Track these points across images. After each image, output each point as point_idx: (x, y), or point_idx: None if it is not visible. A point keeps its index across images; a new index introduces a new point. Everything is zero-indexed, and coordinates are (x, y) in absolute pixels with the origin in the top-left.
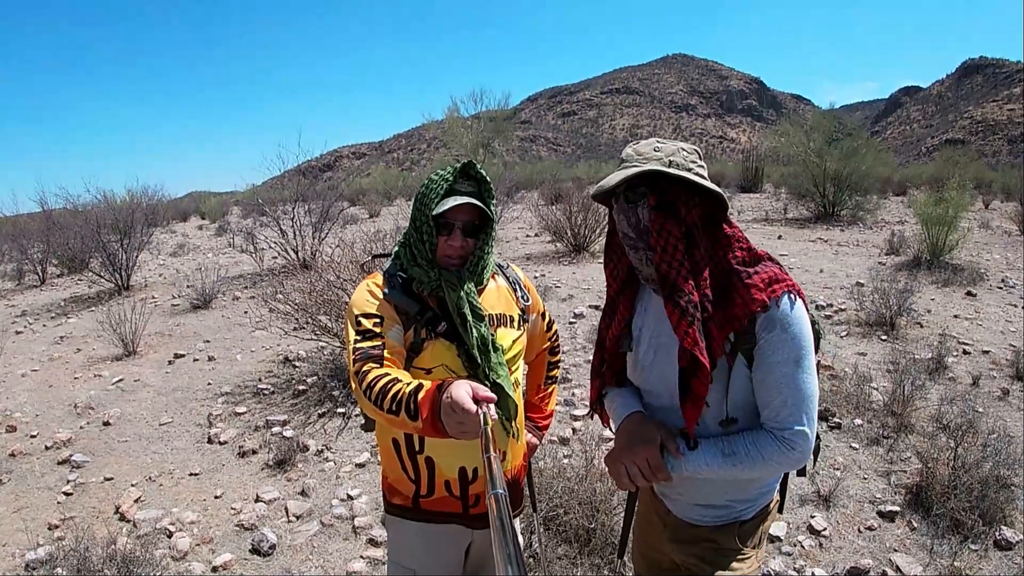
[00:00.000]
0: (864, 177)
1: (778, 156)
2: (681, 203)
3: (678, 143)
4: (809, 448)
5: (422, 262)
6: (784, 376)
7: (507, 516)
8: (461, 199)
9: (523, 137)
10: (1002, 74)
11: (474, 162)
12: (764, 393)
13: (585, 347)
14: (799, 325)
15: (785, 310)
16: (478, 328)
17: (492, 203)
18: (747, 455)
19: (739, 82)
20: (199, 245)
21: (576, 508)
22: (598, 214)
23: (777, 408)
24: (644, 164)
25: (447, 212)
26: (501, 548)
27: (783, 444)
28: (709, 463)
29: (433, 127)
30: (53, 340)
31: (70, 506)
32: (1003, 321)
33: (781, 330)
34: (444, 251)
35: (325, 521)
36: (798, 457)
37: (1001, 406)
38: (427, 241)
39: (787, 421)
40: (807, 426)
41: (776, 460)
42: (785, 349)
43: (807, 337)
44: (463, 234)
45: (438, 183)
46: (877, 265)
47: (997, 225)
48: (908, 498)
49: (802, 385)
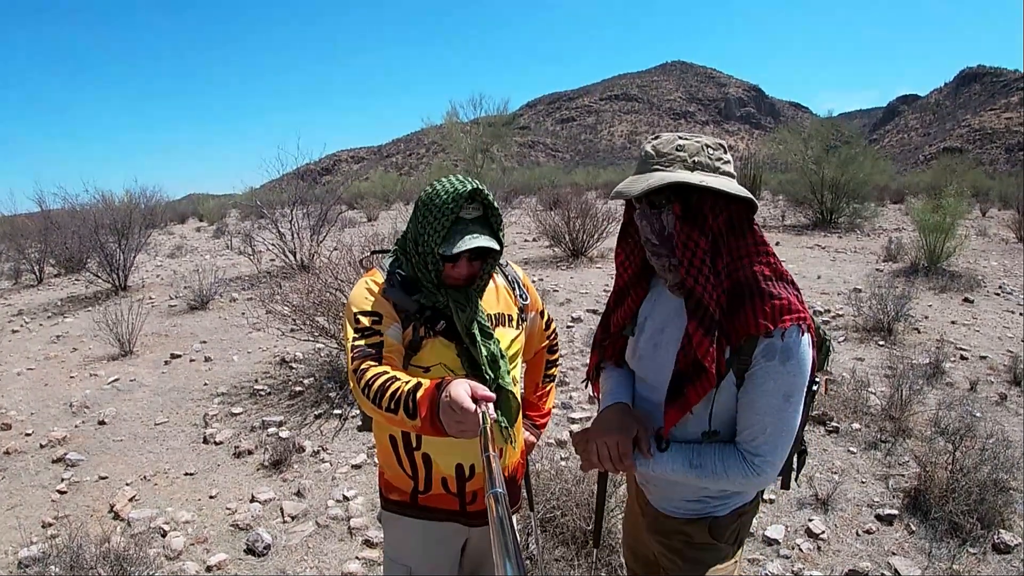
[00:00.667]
0: (862, 184)
1: (776, 163)
2: (708, 210)
3: (702, 138)
4: (773, 476)
5: (427, 285)
6: (771, 407)
7: (506, 514)
8: (470, 243)
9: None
10: (1000, 83)
11: (481, 188)
12: (747, 416)
13: (583, 351)
14: (799, 360)
15: (789, 342)
16: (487, 346)
17: (501, 232)
18: (712, 470)
19: (738, 89)
20: (197, 247)
21: (574, 510)
22: (596, 219)
23: (755, 434)
24: (667, 168)
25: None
26: (500, 546)
27: (750, 468)
28: (675, 469)
29: (432, 132)
30: (49, 339)
31: (64, 504)
32: (1000, 327)
33: (780, 362)
34: (451, 273)
35: (321, 522)
36: (760, 483)
37: (999, 411)
38: (432, 270)
39: (761, 449)
40: (778, 457)
41: (739, 481)
42: (779, 381)
43: (804, 374)
44: (469, 260)
45: (443, 212)
46: (874, 271)
47: (994, 233)
48: (906, 502)
49: (786, 419)
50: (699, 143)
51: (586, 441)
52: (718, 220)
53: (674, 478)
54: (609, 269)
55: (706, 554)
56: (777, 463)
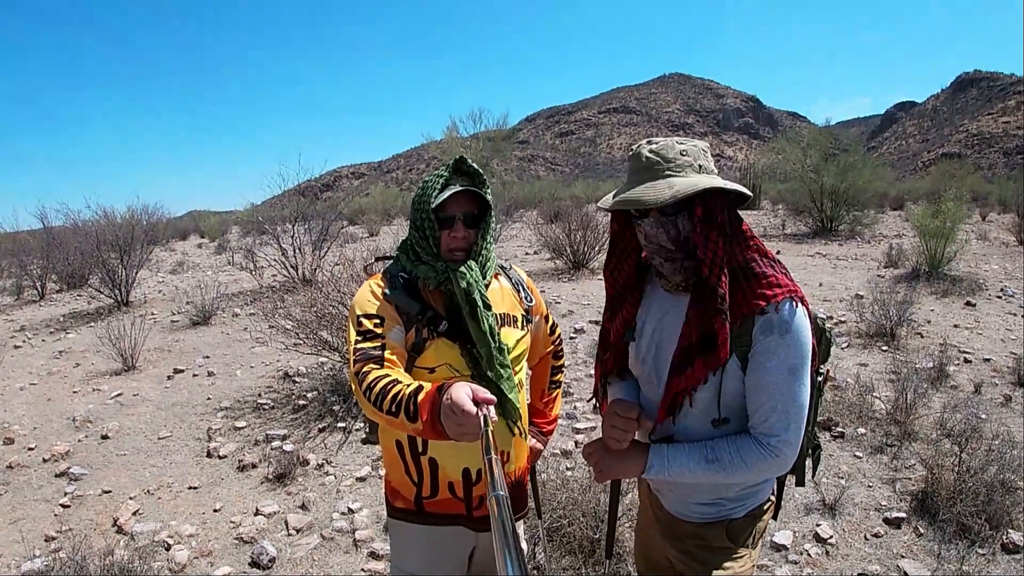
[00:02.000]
0: (861, 192)
1: (775, 173)
2: (719, 209)
3: (696, 142)
4: (793, 456)
5: (427, 258)
6: (776, 382)
7: (508, 518)
8: (458, 187)
9: (521, 156)
10: (997, 87)
11: (465, 156)
12: (755, 398)
13: (586, 361)
14: (798, 332)
15: (784, 315)
16: (487, 318)
17: (487, 191)
18: (730, 462)
19: (735, 100)
20: (198, 263)
21: (580, 519)
22: (597, 231)
23: (766, 414)
24: (679, 173)
25: (447, 204)
26: (502, 549)
27: (767, 451)
28: (692, 469)
29: (432, 147)
30: (52, 354)
31: (67, 518)
32: (1003, 330)
33: (779, 335)
34: (448, 244)
35: (326, 535)
36: (781, 464)
37: (1004, 412)
38: (430, 236)
39: (774, 428)
40: (793, 435)
41: (759, 467)
42: (780, 355)
43: (805, 346)
44: (465, 225)
45: (434, 181)
46: (876, 278)
47: (995, 236)
48: (914, 504)
49: (794, 394)
50: (696, 147)
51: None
52: (723, 216)
53: (692, 479)
54: None
55: (722, 557)
56: (794, 442)
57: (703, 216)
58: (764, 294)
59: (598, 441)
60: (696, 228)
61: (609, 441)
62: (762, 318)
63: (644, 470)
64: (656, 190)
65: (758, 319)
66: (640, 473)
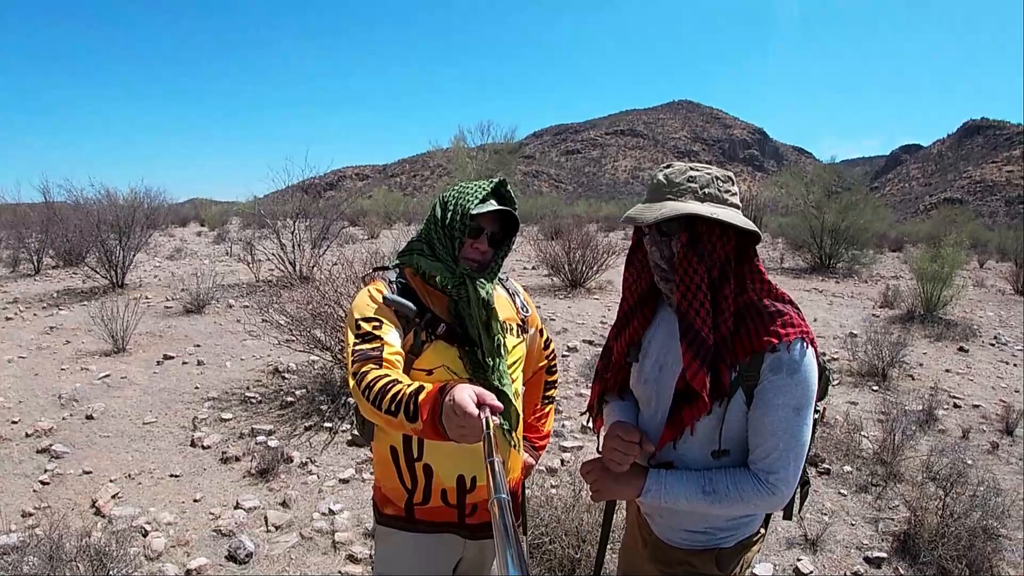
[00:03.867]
0: (861, 231)
1: (777, 206)
2: (715, 239)
3: (712, 170)
4: (790, 494)
5: (446, 258)
6: (782, 421)
7: (510, 520)
8: (498, 206)
9: (526, 171)
10: (1002, 136)
11: (506, 181)
12: (758, 434)
13: (577, 380)
14: (806, 373)
15: (795, 355)
16: (499, 330)
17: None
18: (727, 495)
19: (742, 131)
20: (196, 251)
21: (563, 538)
22: (596, 251)
23: (768, 451)
24: (679, 198)
25: (482, 216)
26: (503, 550)
27: (765, 487)
28: (689, 497)
29: (439, 155)
30: (43, 329)
31: (46, 495)
32: (994, 377)
33: (787, 375)
34: (468, 254)
35: (305, 533)
36: (777, 502)
37: (990, 459)
38: (457, 238)
39: (775, 466)
40: (792, 473)
41: (755, 502)
42: (788, 394)
43: (812, 387)
44: (489, 242)
45: (476, 190)
46: (871, 317)
47: (992, 284)
48: (895, 545)
49: (797, 433)
50: (710, 174)
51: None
52: (725, 248)
53: (687, 507)
54: (607, 301)
55: None
56: (792, 481)
57: (687, 241)
58: (777, 331)
59: (597, 461)
60: (680, 252)
61: (609, 463)
62: (772, 356)
63: (640, 494)
64: (652, 210)
65: (768, 356)
66: (636, 496)
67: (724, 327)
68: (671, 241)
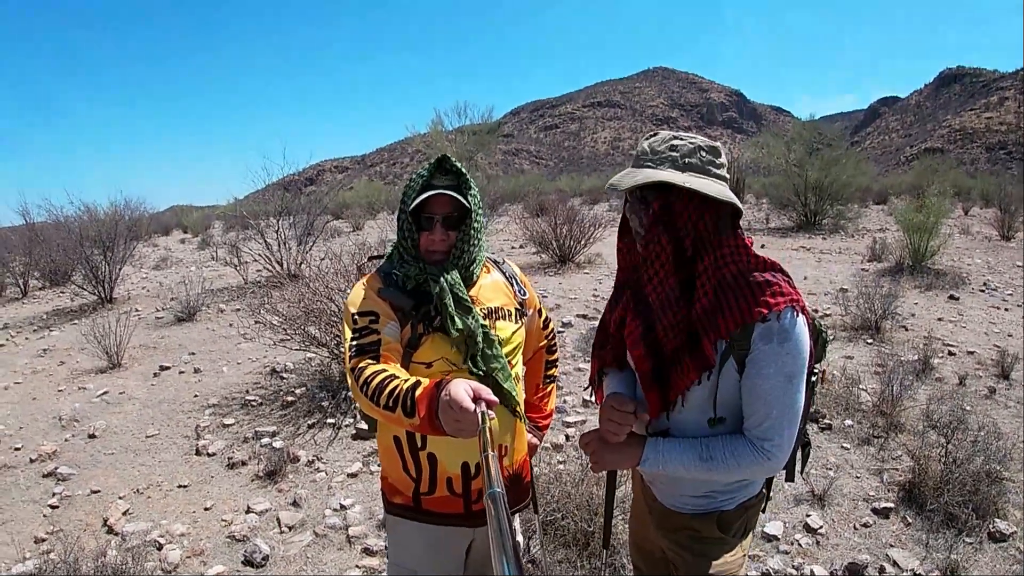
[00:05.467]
0: (844, 186)
1: (759, 167)
2: (688, 212)
3: (697, 139)
4: (785, 459)
5: (408, 258)
6: (774, 389)
7: (504, 516)
8: (434, 191)
9: (506, 151)
10: (979, 83)
11: (448, 156)
12: (751, 402)
13: (574, 355)
14: (797, 341)
15: (785, 324)
16: (462, 319)
17: (471, 194)
18: (723, 461)
19: (720, 95)
20: (182, 259)
21: (574, 512)
22: (583, 226)
23: (761, 418)
24: (658, 166)
25: (426, 205)
26: (498, 547)
27: (760, 454)
28: (686, 465)
29: (417, 140)
30: (36, 353)
31: (56, 519)
32: (986, 323)
33: (778, 343)
34: (427, 245)
35: (319, 531)
36: (773, 467)
37: (988, 404)
38: (408, 237)
39: (769, 433)
40: (787, 439)
41: (751, 468)
42: (779, 362)
43: (803, 354)
44: (444, 227)
45: (416, 180)
46: (860, 272)
47: (977, 231)
48: (901, 495)
49: (790, 400)
50: (693, 144)
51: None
52: (703, 220)
53: (686, 474)
54: (597, 275)
55: (714, 547)
56: (786, 446)
57: (658, 210)
58: (767, 302)
59: (595, 432)
60: (647, 220)
61: (606, 434)
62: (762, 325)
63: (639, 462)
64: (630, 177)
65: (758, 326)
66: (635, 465)
67: (704, 299)
68: (648, 209)
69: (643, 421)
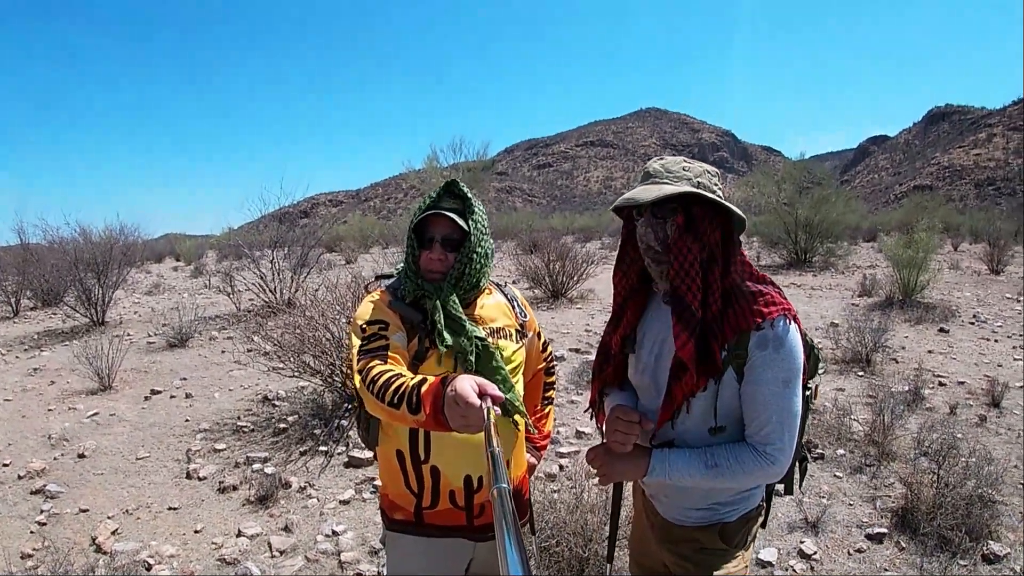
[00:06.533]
0: (835, 224)
1: (750, 206)
2: (707, 224)
3: (704, 165)
4: (787, 462)
5: (410, 274)
6: (772, 395)
7: (510, 511)
8: (436, 212)
9: (499, 188)
10: (968, 120)
11: (458, 180)
12: (751, 409)
13: (567, 388)
14: (791, 347)
15: (779, 331)
16: (453, 336)
17: (473, 218)
18: (728, 468)
19: (711, 135)
20: (175, 285)
21: (568, 538)
22: (575, 262)
23: (762, 424)
24: (676, 183)
25: (428, 224)
26: (504, 545)
27: (763, 458)
28: (692, 473)
29: (412, 176)
30: (26, 372)
31: (44, 536)
32: (976, 354)
33: (773, 350)
34: (425, 264)
35: (310, 556)
36: (777, 471)
37: (979, 431)
38: (410, 254)
39: (770, 437)
40: (788, 443)
41: (756, 473)
42: (775, 368)
43: (798, 360)
44: (443, 248)
45: (424, 201)
46: (850, 306)
47: (967, 265)
48: (895, 520)
49: (788, 404)
50: (702, 167)
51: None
52: (715, 233)
53: (692, 483)
54: (589, 310)
55: (717, 558)
56: (788, 449)
57: (683, 223)
58: (760, 311)
59: (602, 446)
60: (676, 232)
61: (612, 445)
62: (758, 333)
63: (647, 473)
64: (648, 191)
65: (754, 334)
66: (643, 476)
67: (714, 306)
68: (666, 223)
69: (647, 431)
